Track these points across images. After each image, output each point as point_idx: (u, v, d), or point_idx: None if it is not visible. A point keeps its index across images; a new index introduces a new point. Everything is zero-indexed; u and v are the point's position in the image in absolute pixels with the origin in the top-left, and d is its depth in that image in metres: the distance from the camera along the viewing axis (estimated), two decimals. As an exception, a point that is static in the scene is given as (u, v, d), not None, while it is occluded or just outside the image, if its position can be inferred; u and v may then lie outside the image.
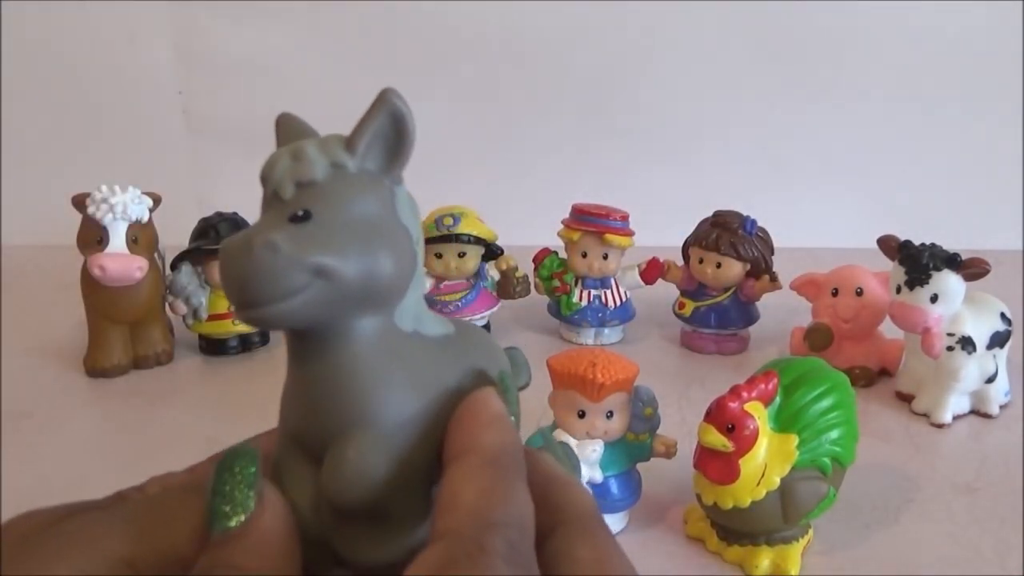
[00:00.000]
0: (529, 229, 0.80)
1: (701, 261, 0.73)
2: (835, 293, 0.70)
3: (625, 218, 0.74)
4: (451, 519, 0.18)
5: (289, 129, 0.21)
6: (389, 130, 0.20)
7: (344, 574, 0.20)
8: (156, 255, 0.71)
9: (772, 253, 0.74)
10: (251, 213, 0.83)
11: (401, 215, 0.20)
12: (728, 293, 0.74)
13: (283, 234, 0.18)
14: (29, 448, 0.58)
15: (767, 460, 0.45)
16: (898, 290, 0.63)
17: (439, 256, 0.73)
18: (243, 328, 0.73)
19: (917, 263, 0.61)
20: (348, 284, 0.18)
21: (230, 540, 0.19)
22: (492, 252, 0.75)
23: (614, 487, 0.49)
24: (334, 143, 0.20)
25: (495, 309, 0.76)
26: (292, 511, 0.19)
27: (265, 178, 0.20)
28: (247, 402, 0.66)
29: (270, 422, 0.22)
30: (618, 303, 0.76)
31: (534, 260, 0.78)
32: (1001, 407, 0.66)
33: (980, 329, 0.63)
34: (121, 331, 0.70)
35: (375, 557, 0.19)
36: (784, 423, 0.46)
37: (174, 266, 0.71)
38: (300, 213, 0.18)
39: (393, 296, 0.19)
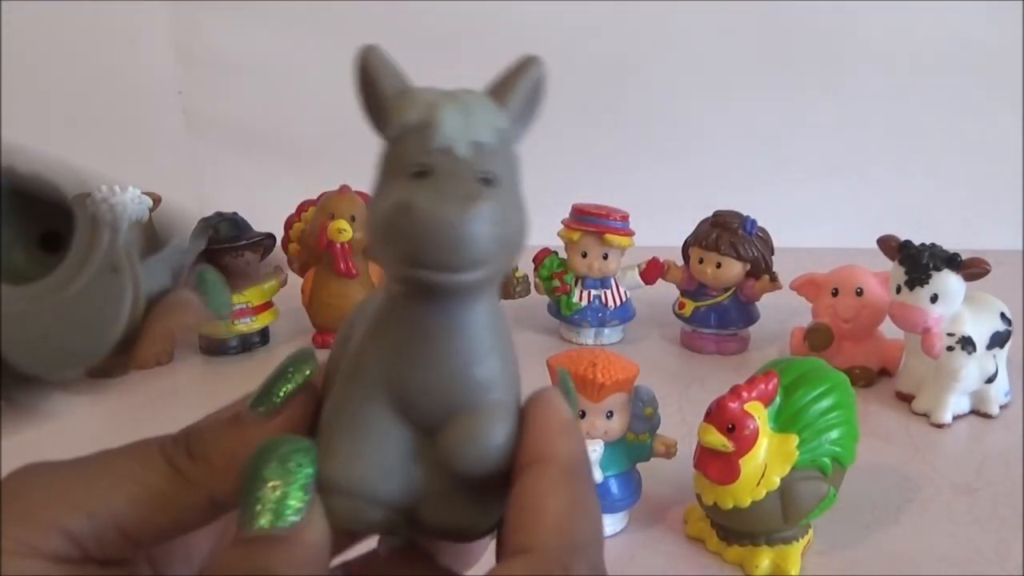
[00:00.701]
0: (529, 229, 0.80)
1: (701, 261, 0.73)
2: (835, 293, 0.69)
3: (625, 218, 0.74)
4: (535, 535, 0.18)
5: (386, 69, 0.19)
6: (530, 98, 0.19)
7: (401, 538, 0.21)
8: (156, 255, 0.71)
9: (772, 253, 0.74)
10: (251, 213, 0.83)
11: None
12: (728, 293, 0.74)
13: (491, 201, 0.17)
14: (29, 448, 0.58)
15: (767, 460, 0.45)
16: (898, 290, 0.63)
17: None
18: (243, 328, 0.73)
19: (917, 263, 0.61)
20: (515, 255, 0.18)
21: (273, 543, 0.18)
22: (492, 252, 0.75)
23: (614, 487, 0.49)
24: (490, 104, 0.19)
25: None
26: (374, 471, 0.19)
27: (429, 128, 0.18)
28: (247, 402, 0.66)
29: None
30: (618, 303, 0.76)
31: (534, 260, 0.78)
32: (1001, 407, 0.65)
33: (980, 329, 0.63)
34: (121, 331, 0.70)
35: (472, 523, 0.19)
36: (784, 423, 0.46)
37: (174, 266, 0.71)
38: (490, 178, 0.18)
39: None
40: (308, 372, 0.20)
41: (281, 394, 0.20)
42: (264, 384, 0.21)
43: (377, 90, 0.19)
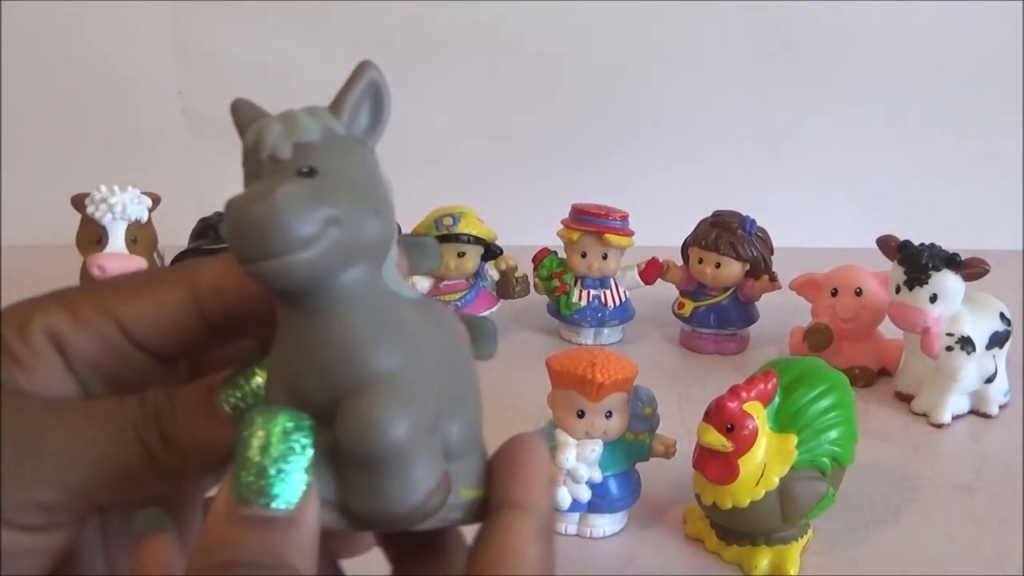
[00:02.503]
0: (529, 229, 0.80)
1: (700, 261, 0.73)
2: (834, 293, 0.69)
3: (625, 218, 0.74)
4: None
5: (248, 112, 0.21)
6: (369, 99, 0.21)
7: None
8: (155, 255, 0.71)
9: (771, 253, 0.74)
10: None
11: (383, 176, 0.21)
12: (727, 293, 0.74)
13: (295, 185, 0.18)
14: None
15: (766, 460, 0.45)
16: (897, 290, 0.63)
17: (439, 256, 0.73)
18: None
19: (916, 263, 0.61)
20: (357, 235, 0.19)
21: (278, 526, 0.18)
22: (491, 252, 0.75)
23: (613, 487, 0.49)
24: (320, 110, 0.20)
25: (495, 309, 0.76)
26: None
27: (256, 144, 0.20)
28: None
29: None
30: (617, 303, 0.76)
31: (533, 260, 0.78)
32: (1001, 407, 0.65)
33: (979, 329, 0.63)
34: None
35: (394, 508, 0.20)
36: (783, 423, 0.46)
37: (173, 266, 0.71)
38: (306, 170, 0.19)
39: (382, 252, 0.20)
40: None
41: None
42: (235, 383, 0.21)
43: (240, 127, 0.21)
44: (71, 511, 0.20)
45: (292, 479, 0.18)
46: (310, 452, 0.19)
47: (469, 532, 0.23)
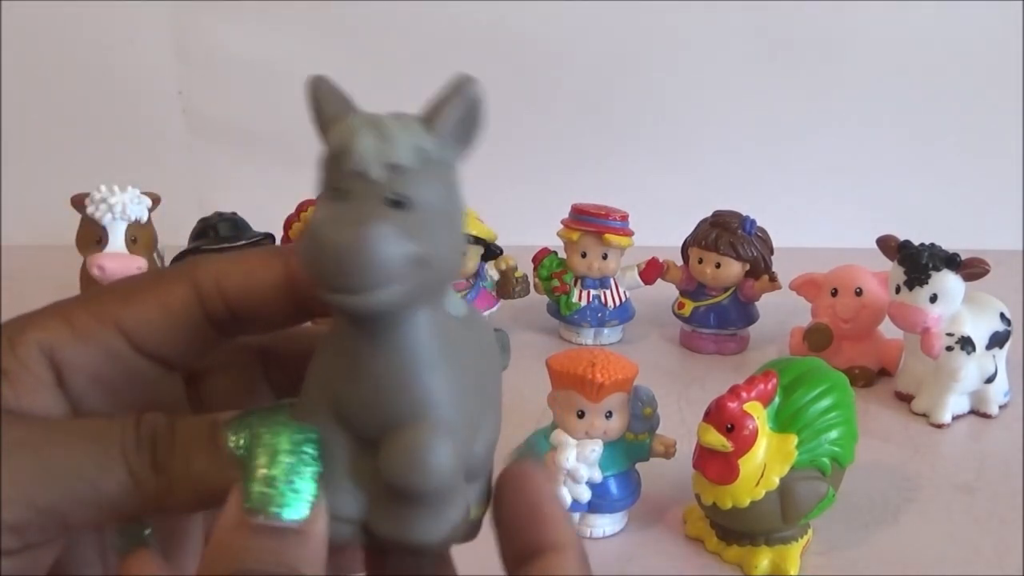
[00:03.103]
0: (528, 229, 0.80)
1: (700, 261, 0.73)
2: (834, 293, 0.70)
3: (625, 218, 0.74)
4: None
5: (331, 96, 0.20)
6: (465, 118, 0.20)
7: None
8: (155, 255, 0.71)
9: (771, 253, 0.74)
10: (250, 213, 0.83)
11: (463, 202, 0.20)
12: (727, 293, 0.74)
13: (392, 222, 0.18)
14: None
15: (766, 460, 0.45)
16: (897, 290, 0.63)
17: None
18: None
19: (916, 263, 0.61)
20: (442, 274, 0.19)
21: (289, 537, 0.18)
22: (491, 252, 0.75)
23: (613, 487, 0.49)
24: (415, 125, 0.19)
25: (494, 309, 0.76)
26: (330, 489, 0.19)
27: (343, 153, 0.18)
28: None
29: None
30: (617, 303, 0.76)
31: (533, 260, 0.78)
32: (1001, 407, 0.66)
33: (979, 329, 0.63)
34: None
35: (418, 536, 0.20)
36: (783, 423, 0.46)
37: (173, 266, 0.71)
38: (400, 200, 0.18)
39: (453, 281, 0.20)
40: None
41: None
42: (245, 422, 0.20)
43: (320, 116, 0.20)
44: (44, 532, 0.19)
45: (301, 490, 0.18)
46: (318, 464, 0.19)
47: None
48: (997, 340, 0.64)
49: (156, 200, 0.71)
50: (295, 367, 0.24)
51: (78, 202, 0.67)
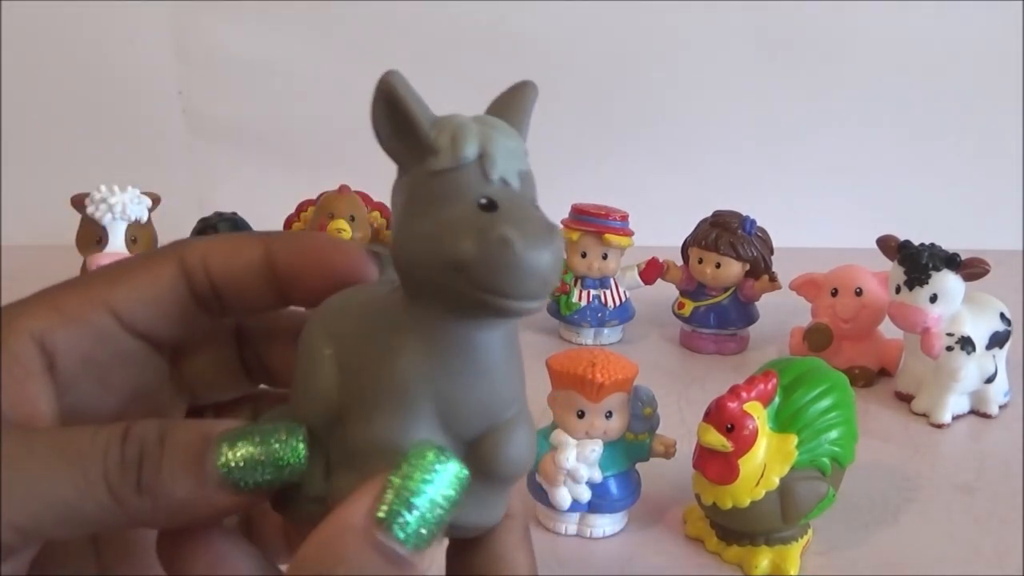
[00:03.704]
0: (529, 229, 0.80)
1: (700, 261, 0.73)
2: (834, 293, 0.69)
3: (625, 218, 0.74)
4: None
5: (415, 95, 0.19)
6: (527, 125, 0.21)
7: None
8: (156, 255, 0.71)
9: (771, 253, 0.74)
10: (250, 213, 0.83)
11: None
12: (727, 293, 0.74)
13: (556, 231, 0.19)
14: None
15: (766, 460, 0.45)
16: (897, 290, 0.63)
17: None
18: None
19: (916, 263, 0.61)
20: None
21: (398, 562, 0.17)
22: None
23: (613, 487, 0.49)
24: (514, 131, 0.20)
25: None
26: None
27: (489, 160, 0.19)
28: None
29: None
30: (617, 303, 0.76)
31: (534, 260, 0.77)
32: (1001, 407, 0.65)
33: (979, 329, 0.63)
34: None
35: (494, 519, 0.21)
36: (783, 423, 0.46)
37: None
38: (538, 208, 0.19)
39: None
40: (299, 463, 0.20)
41: (260, 482, 0.19)
42: (249, 450, 0.19)
43: (410, 118, 0.19)
44: (23, 545, 0.19)
45: (431, 526, 0.18)
46: (454, 506, 0.18)
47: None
48: (997, 340, 0.64)
49: (156, 200, 0.71)
50: (268, 348, 0.25)
51: (78, 202, 0.67)
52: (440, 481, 0.18)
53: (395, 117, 0.19)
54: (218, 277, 0.22)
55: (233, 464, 0.19)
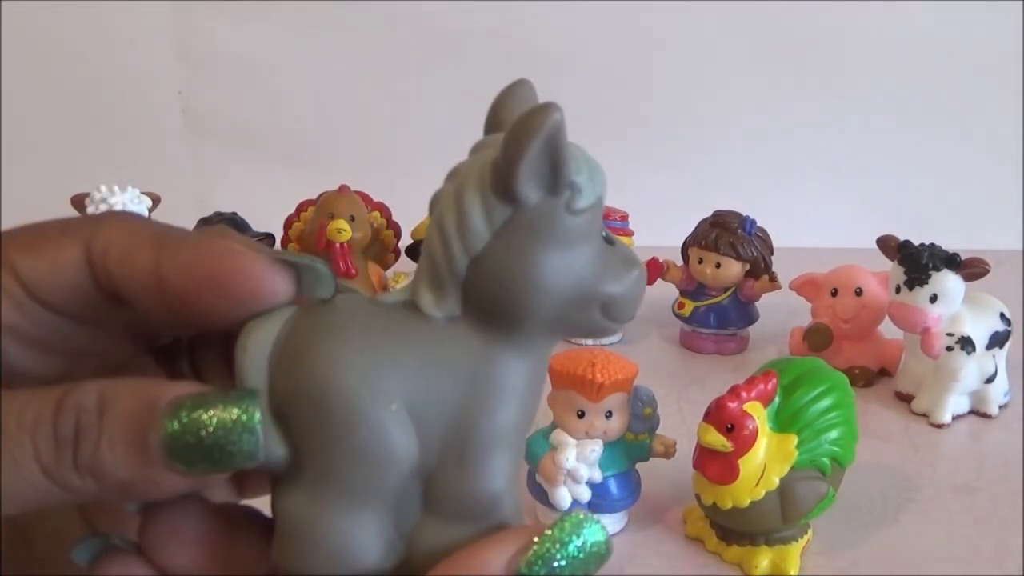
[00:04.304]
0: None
1: (700, 261, 0.73)
2: (834, 293, 0.69)
3: (625, 218, 0.74)
4: None
5: (564, 134, 0.19)
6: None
7: None
8: (156, 255, 0.71)
9: (771, 253, 0.74)
10: (250, 213, 0.83)
11: None
12: (727, 293, 0.74)
13: None
14: None
15: (766, 460, 0.45)
16: (897, 290, 0.63)
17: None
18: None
19: (916, 263, 0.61)
20: None
21: None
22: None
23: (613, 487, 0.49)
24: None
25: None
26: None
27: (601, 199, 0.21)
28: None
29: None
30: (618, 303, 0.76)
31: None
32: (1001, 407, 0.65)
33: (979, 329, 0.63)
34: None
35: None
36: (783, 423, 0.46)
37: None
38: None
39: None
40: (252, 451, 0.17)
41: (208, 470, 0.17)
42: (190, 430, 0.17)
43: (560, 158, 0.18)
44: None
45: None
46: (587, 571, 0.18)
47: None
48: (997, 340, 0.64)
49: (156, 200, 0.70)
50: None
51: (78, 202, 0.67)
52: (586, 542, 0.18)
53: (547, 156, 0.18)
54: (116, 279, 0.19)
55: (178, 447, 0.17)
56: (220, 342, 0.22)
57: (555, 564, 0.17)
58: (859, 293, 0.68)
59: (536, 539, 0.18)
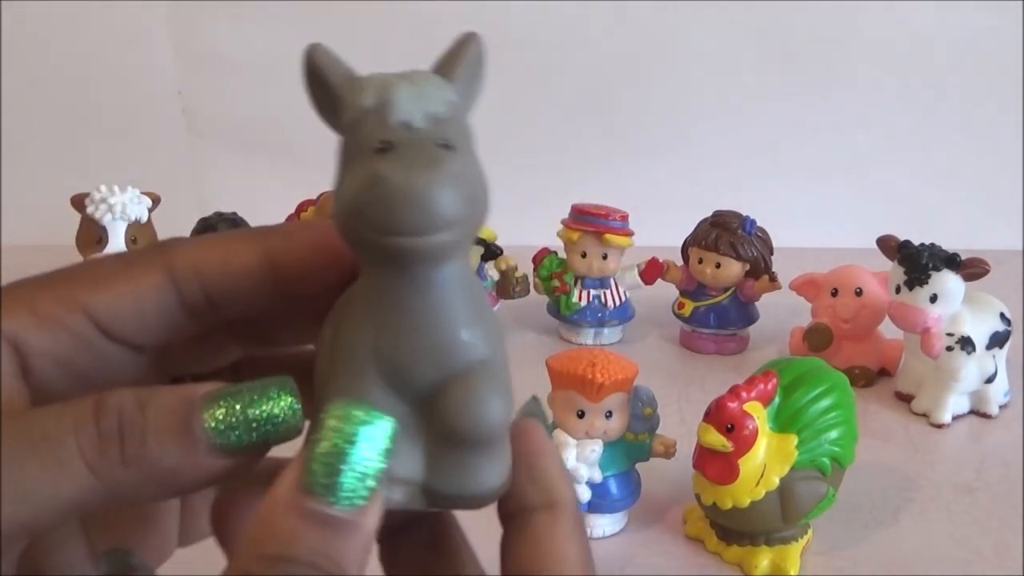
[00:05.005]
0: (528, 229, 0.80)
1: (700, 261, 0.73)
2: (834, 293, 0.69)
3: (625, 218, 0.74)
4: None
5: (335, 61, 0.20)
6: (474, 72, 0.21)
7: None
8: (155, 255, 0.71)
9: (771, 253, 0.74)
10: (250, 213, 0.84)
11: None
12: (727, 293, 0.74)
13: (455, 166, 0.18)
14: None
15: (766, 460, 0.45)
16: (897, 290, 0.63)
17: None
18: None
19: (916, 263, 0.61)
20: (481, 218, 0.19)
21: (339, 527, 0.17)
22: (491, 252, 0.75)
23: (613, 487, 0.49)
24: (436, 79, 0.20)
25: (494, 309, 0.76)
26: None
27: (387, 105, 0.19)
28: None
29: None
30: (617, 303, 0.76)
31: (533, 260, 0.77)
32: (1001, 407, 0.65)
33: (979, 329, 0.63)
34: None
35: (480, 488, 0.20)
36: (783, 423, 0.46)
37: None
38: (447, 145, 0.18)
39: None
40: (293, 419, 0.19)
41: (254, 441, 0.19)
42: (233, 406, 0.18)
43: (326, 81, 0.19)
44: (7, 544, 0.17)
45: (364, 483, 0.18)
46: (385, 459, 0.18)
47: (472, 531, 0.23)
48: (997, 340, 0.64)
49: (156, 200, 0.71)
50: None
51: (78, 202, 0.67)
52: (365, 435, 0.18)
53: (315, 83, 0.20)
54: (213, 287, 0.21)
55: (223, 426, 0.18)
56: (227, 373, 0.24)
57: (336, 463, 0.17)
58: (859, 293, 0.68)
59: (308, 447, 0.18)
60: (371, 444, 0.18)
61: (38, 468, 0.17)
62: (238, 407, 0.18)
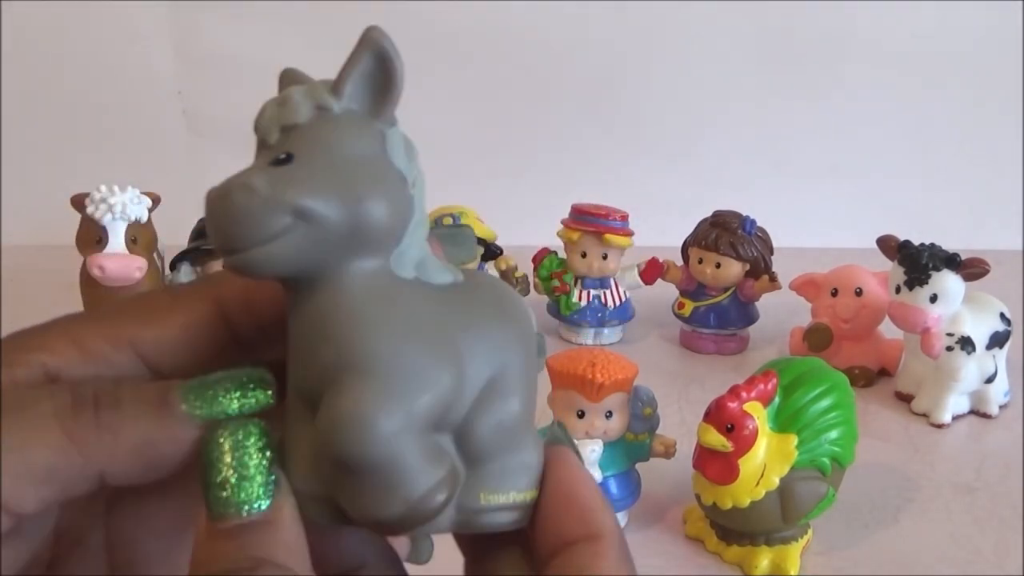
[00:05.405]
0: (529, 229, 0.80)
1: (700, 261, 0.73)
2: (835, 293, 0.70)
3: (625, 218, 0.74)
4: None
5: (290, 82, 0.21)
6: (375, 70, 0.20)
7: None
8: (155, 255, 0.71)
9: (771, 253, 0.74)
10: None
11: (393, 157, 0.19)
12: (727, 293, 0.74)
13: (261, 176, 0.18)
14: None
15: (766, 460, 0.45)
16: (897, 290, 0.63)
17: (439, 256, 0.73)
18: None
19: (916, 263, 0.61)
20: (332, 226, 0.18)
21: (251, 530, 0.17)
22: (491, 252, 0.75)
23: (613, 487, 0.49)
24: (321, 87, 0.20)
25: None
26: (293, 466, 0.19)
27: (255, 127, 0.19)
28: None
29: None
30: (617, 303, 0.76)
31: (533, 260, 0.78)
32: (1001, 407, 0.66)
33: (979, 329, 0.63)
34: (121, 331, 0.70)
35: (375, 513, 0.18)
36: (783, 423, 0.46)
37: (173, 266, 0.71)
38: (282, 156, 0.18)
39: (387, 241, 0.19)
40: (266, 388, 0.19)
41: (228, 411, 0.19)
42: (208, 387, 0.19)
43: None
44: None
45: (256, 482, 0.18)
46: (268, 453, 0.18)
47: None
48: (997, 340, 0.64)
49: (156, 200, 0.70)
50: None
51: (78, 202, 0.67)
52: (235, 445, 0.18)
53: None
54: (265, 315, 0.21)
55: (197, 395, 0.19)
56: None
57: (225, 480, 0.18)
58: (859, 293, 0.68)
59: (201, 486, 0.18)
60: (245, 450, 0.18)
61: (13, 429, 0.17)
62: (211, 393, 0.19)
